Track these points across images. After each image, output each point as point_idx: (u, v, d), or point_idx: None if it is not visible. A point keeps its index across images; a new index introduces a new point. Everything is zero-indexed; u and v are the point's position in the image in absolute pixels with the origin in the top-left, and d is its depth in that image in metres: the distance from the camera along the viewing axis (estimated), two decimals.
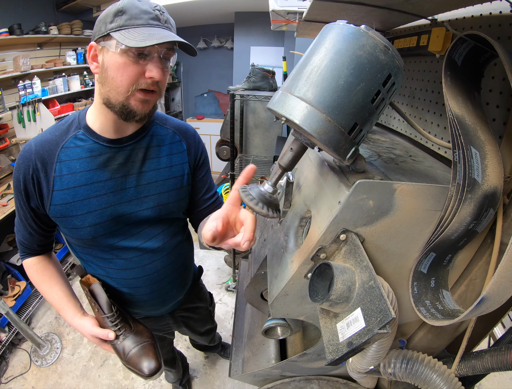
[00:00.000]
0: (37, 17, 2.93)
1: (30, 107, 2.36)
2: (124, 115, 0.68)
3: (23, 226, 0.81)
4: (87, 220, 0.76)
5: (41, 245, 0.86)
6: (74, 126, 0.75)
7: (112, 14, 0.63)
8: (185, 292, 1.08)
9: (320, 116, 0.43)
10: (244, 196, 0.53)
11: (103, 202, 0.76)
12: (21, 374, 1.83)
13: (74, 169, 0.73)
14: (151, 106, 0.70)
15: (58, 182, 0.72)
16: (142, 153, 0.79)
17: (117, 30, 0.62)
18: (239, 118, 2.15)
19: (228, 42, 4.65)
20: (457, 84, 0.49)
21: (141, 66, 0.64)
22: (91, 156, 0.74)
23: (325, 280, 0.52)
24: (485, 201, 0.45)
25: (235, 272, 2.44)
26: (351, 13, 0.74)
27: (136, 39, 0.60)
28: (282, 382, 0.87)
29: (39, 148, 0.72)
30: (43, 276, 0.87)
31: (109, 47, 0.63)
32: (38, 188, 0.73)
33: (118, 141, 0.76)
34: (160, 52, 0.65)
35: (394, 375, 0.60)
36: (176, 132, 0.87)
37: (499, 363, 0.51)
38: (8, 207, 2.04)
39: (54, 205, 0.74)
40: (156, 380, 1.81)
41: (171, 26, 0.68)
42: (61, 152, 0.73)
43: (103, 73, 0.66)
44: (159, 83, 0.68)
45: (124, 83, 0.64)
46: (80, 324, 0.84)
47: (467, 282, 0.58)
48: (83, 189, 0.74)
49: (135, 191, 0.79)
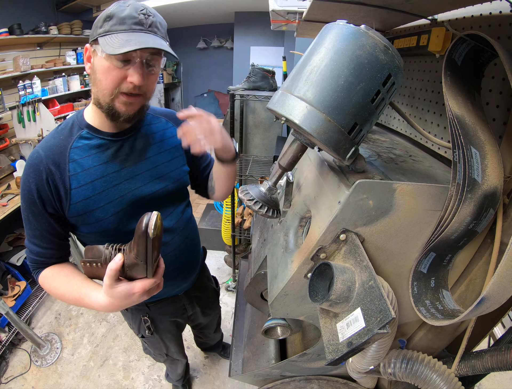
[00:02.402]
0: (37, 17, 2.93)
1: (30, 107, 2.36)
2: (110, 115, 0.73)
3: (39, 241, 0.78)
4: (109, 210, 0.79)
5: (57, 258, 0.83)
6: (76, 127, 0.78)
7: (102, 19, 0.67)
8: (198, 271, 1.14)
9: (320, 116, 0.43)
10: (244, 196, 0.53)
11: (121, 190, 0.81)
12: (21, 374, 1.83)
13: (87, 165, 0.76)
14: (136, 108, 0.73)
15: (74, 181, 0.75)
16: (143, 141, 0.86)
17: (103, 35, 0.65)
18: (239, 118, 2.15)
19: (228, 42, 4.65)
20: (457, 84, 0.49)
21: (123, 71, 0.67)
22: (100, 151, 0.78)
23: (325, 280, 0.52)
24: (485, 201, 0.45)
25: (235, 272, 2.44)
26: (351, 13, 0.74)
27: (113, 45, 0.63)
28: (282, 382, 0.87)
29: (49, 153, 0.74)
30: (59, 276, 0.80)
31: (97, 51, 0.67)
32: (55, 191, 0.74)
33: (120, 134, 0.81)
34: (143, 57, 0.67)
35: (394, 375, 0.60)
36: (167, 119, 0.95)
37: (499, 363, 0.51)
38: (8, 207, 2.04)
39: (74, 204, 0.75)
40: (156, 380, 1.81)
41: (157, 29, 0.69)
42: (71, 152, 0.75)
43: (93, 74, 0.70)
44: (142, 87, 0.70)
45: (108, 86, 0.68)
46: (116, 292, 0.63)
47: (467, 282, 0.58)
48: (100, 182, 0.77)
49: (148, 175, 0.86)
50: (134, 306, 1.08)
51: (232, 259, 2.35)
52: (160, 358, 1.41)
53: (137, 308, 1.08)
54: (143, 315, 1.09)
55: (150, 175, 0.86)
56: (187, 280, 1.09)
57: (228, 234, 2.30)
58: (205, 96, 5.22)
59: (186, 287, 1.11)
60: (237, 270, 2.39)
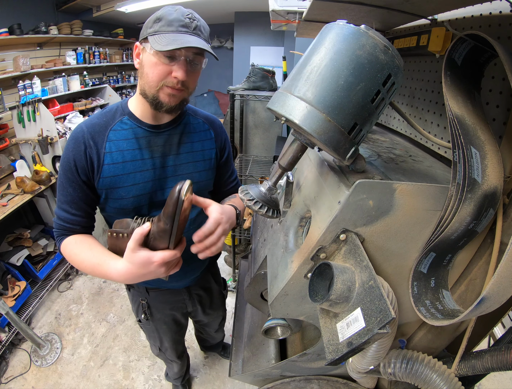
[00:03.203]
0: (37, 17, 2.93)
1: (30, 107, 2.36)
2: (154, 105, 0.80)
3: (69, 206, 0.85)
4: (131, 191, 0.86)
5: (83, 227, 0.88)
6: (119, 113, 0.87)
7: (152, 20, 0.75)
8: (203, 269, 1.15)
9: (320, 116, 0.43)
10: (244, 196, 0.53)
11: (146, 177, 0.87)
12: (21, 374, 1.83)
13: (121, 147, 0.84)
14: (178, 101, 0.80)
15: (108, 157, 0.83)
16: (177, 138, 0.92)
17: (153, 34, 0.73)
18: (239, 118, 2.15)
19: (228, 42, 4.65)
20: (457, 84, 0.49)
21: (169, 66, 0.74)
22: (135, 138, 0.86)
23: (325, 280, 0.52)
24: (485, 201, 0.45)
25: (235, 272, 2.44)
26: (351, 13, 0.74)
27: (161, 43, 0.70)
28: (282, 382, 0.87)
29: (91, 129, 0.82)
30: (82, 244, 0.83)
31: (146, 48, 0.75)
32: (90, 163, 0.82)
33: (157, 127, 0.88)
34: (187, 56, 0.74)
35: (394, 375, 0.60)
36: (205, 121, 1.00)
37: (499, 363, 0.51)
38: (8, 207, 2.03)
39: (103, 178, 0.83)
40: (156, 380, 1.81)
41: (200, 32, 0.76)
42: (110, 133, 0.83)
43: (141, 69, 0.79)
44: (184, 83, 0.77)
45: (154, 79, 0.75)
46: (137, 257, 0.66)
47: (467, 282, 0.58)
48: (129, 164, 0.85)
49: (173, 170, 0.91)
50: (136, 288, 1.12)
51: (232, 259, 2.35)
52: (154, 349, 1.42)
53: (138, 290, 1.12)
54: (142, 299, 1.13)
55: (175, 170, 0.92)
56: (189, 276, 1.10)
57: (228, 234, 2.30)
58: (205, 96, 5.22)
59: (187, 282, 1.13)
60: (237, 270, 2.39)
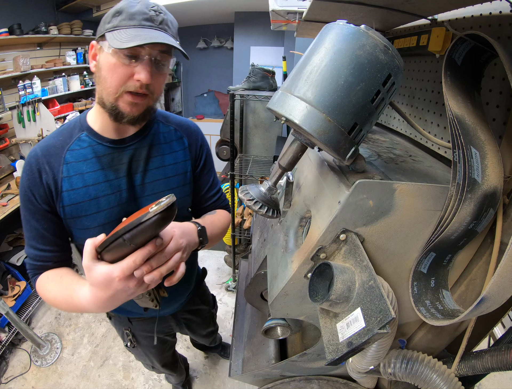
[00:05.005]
0: (37, 17, 2.93)
1: (30, 107, 2.36)
2: (113, 116, 0.69)
3: (36, 242, 0.75)
4: (97, 219, 0.76)
5: (56, 262, 0.77)
6: (77, 129, 0.76)
7: (111, 14, 0.64)
8: (189, 294, 1.08)
9: (320, 116, 0.43)
10: (244, 196, 0.53)
11: (112, 201, 0.77)
12: (21, 374, 1.83)
13: (81, 169, 0.74)
14: (141, 110, 0.69)
15: (66, 183, 0.73)
16: (145, 152, 0.80)
17: (111, 30, 0.62)
18: (239, 118, 2.14)
19: (228, 42, 4.65)
20: (457, 84, 0.49)
21: (130, 68, 0.63)
22: (96, 157, 0.75)
23: (325, 280, 0.52)
24: (485, 201, 0.45)
25: (235, 272, 2.44)
26: (351, 13, 0.74)
27: (121, 40, 0.60)
28: (282, 382, 0.87)
29: (45, 152, 0.73)
30: (54, 278, 0.74)
31: (104, 47, 0.64)
32: (48, 190, 0.72)
33: (121, 141, 0.77)
34: (152, 55, 0.64)
35: (394, 375, 0.60)
36: (178, 129, 0.87)
37: (499, 363, 0.51)
38: (8, 207, 2.04)
39: (64, 206, 0.74)
40: (156, 380, 1.81)
41: (167, 27, 0.66)
42: (67, 154, 0.73)
43: (98, 72, 0.67)
44: (149, 87, 0.66)
45: (113, 84, 0.64)
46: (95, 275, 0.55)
47: (467, 282, 0.58)
48: (92, 189, 0.74)
49: (141, 189, 0.80)
50: (116, 317, 1.02)
51: (232, 259, 2.35)
52: (147, 367, 1.38)
53: (119, 320, 1.03)
54: (125, 328, 1.04)
55: (144, 190, 0.80)
56: (171, 305, 1.01)
57: (228, 234, 2.30)
58: (205, 96, 5.22)
59: (173, 309, 1.05)
60: (237, 270, 2.39)
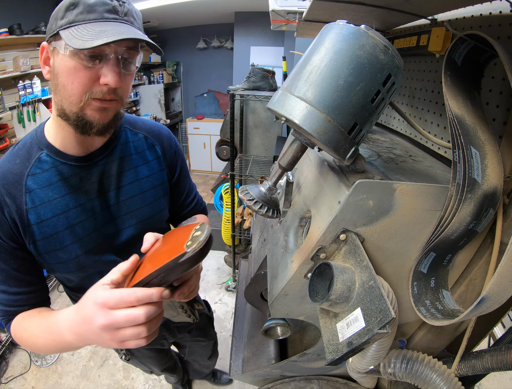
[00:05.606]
0: (37, 17, 2.93)
1: (30, 107, 2.36)
2: (80, 128, 0.59)
3: (6, 285, 0.64)
4: (73, 250, 0.66)
5: (33, 304, 0.67)
6: (34, 148, 0.64)
7: (64, 8, 0.53)
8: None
9: (320, 116, 0.43)
10: (244, 196, 0.53)
11: (87, 227, 0.68)
12: (21, 374, 1.83)
13: (46, 197, 0.63)
14: (111, 115, 0.60)
15: (33, 215, 0.62)
16: (116, 166, 0.71)
17: (66, 27, 0.52)
18: (239, 118, 2.15)
19: (228, 42, 4.65)
20: (457, 84, 0.49)
21: (95, 70, 0.54)
22: (62, 179, 0.64)
23: (325, 280, 0.52)
24: (485, 201, 0.45)
25: (235, 272, 2.44)
26: (351, 13, 0.74)
27: (83, 38, 0.50)
28: (282, 382, 0.87)
29: (3, 180, 0.61)
30: (30, 316, 0.64)
31: (59, 48, 0.54)
32: (14, 225, 0.61)
33: (88, 157, 0.66)
34: (119, 53, 0.55)
35: (394, 375, 0.60)
36: (148, 136, 0.78)
37: (499, 363, 0.51)
38: None
39: (35, 241, 0.63)
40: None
41: (133, 19, 0.57)
42: (28, 180, 0.62)
43: (54, 79, 0.57)
44: (117, 91, 0.57)
45: (75, 92, 0.54)
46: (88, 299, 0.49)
47: (467, 282, 0.58)
48: (63, 217, 0.64)
49: (117, 208, 0.72)
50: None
51: (232, 259, 2.35)
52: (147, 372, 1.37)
53: None
54: None
55: (119, 208, 0.72)
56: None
57: (228, 234, 2.30)
58: (205, 96, 5.22)
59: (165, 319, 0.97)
60: (237, 270, 2.39)
